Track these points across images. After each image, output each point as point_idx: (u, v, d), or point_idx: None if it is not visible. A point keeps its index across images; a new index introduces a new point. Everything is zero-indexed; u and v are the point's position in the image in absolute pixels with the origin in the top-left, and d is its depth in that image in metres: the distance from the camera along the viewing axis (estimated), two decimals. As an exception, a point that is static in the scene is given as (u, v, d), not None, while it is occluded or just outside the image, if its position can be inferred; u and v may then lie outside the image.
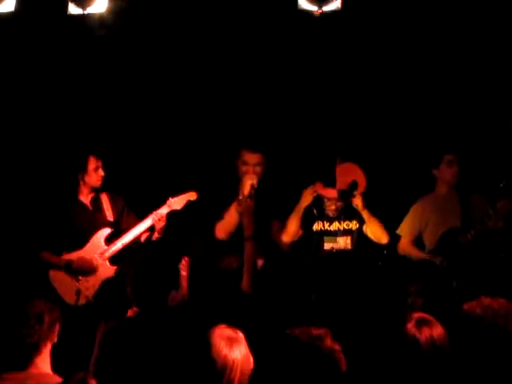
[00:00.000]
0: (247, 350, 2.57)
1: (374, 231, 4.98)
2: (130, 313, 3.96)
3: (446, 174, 5.16)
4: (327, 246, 5.03)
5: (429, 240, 5.18)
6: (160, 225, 4.92)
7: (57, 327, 2.71)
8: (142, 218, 4.95)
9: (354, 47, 5.58)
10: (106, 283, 4.85)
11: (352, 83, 5.79)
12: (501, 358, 2.58)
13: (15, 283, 4.94)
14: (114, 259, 4.90)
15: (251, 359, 2.57)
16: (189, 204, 5.02)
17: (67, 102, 5.83)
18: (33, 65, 5.67)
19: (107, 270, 4.87)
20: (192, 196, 5.02)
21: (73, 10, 5.03)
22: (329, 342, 2.53)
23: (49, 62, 5.68)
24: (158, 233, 4.96)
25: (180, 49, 5.67)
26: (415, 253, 5.19)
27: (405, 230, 5.29)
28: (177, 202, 4.97)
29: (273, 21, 5.40)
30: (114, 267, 4.89)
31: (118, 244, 4.88)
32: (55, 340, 2.70)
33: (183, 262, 4.65)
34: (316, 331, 2.55)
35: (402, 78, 5.71)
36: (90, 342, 4.20)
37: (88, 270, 4.82)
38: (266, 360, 2.57)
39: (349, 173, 4.99)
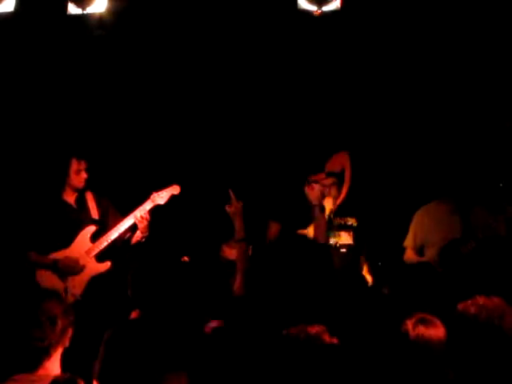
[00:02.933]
0: None
1: None
2: (133, 314, 3.94)
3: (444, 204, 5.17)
4: (332, 240, 5.03)
5: (430, 252, 5.19)
6: (143, 223, 4.86)
7: (69, 332, 2.69)
8: (126, 213, 4.93)
9: (353, 47, 5.58)
10: (98, 282, 4.85)
11: (352, 83, 5.79)
12: (495, 356, 2.57)
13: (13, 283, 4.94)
14: (101, 257, 4.89)
15: None
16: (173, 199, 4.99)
17: (64, 102, 5.82)
18: (32, 65, 5.66)
19: (94, 268, 4.87)
20: (175, 190, 4.99)
21: (72, 9, 5.03)
22: (327, 338, 2.52)
23: (48, 62, 5.68)
24: (142, 232, 4.91)
25: (179, 49, 5.67)
26: (418, 260, 5.16)
27: (407, 240, 5.31)
28: (160, 197, 4.94)
29: (273, 21, 5.40)
30: (101, 264, 4.88)
31: (104, 241, 4.87)
32: (67, 344, 2.68)
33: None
34: (313, 329, 2.54)
35: (402, 78, 5.71)
36: (95, 343, 4.21)
37: (74, 268, 4.81)
38: (267, 361, 2.56)
39: (337, 159, 5.04)
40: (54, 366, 2.62)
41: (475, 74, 5.50)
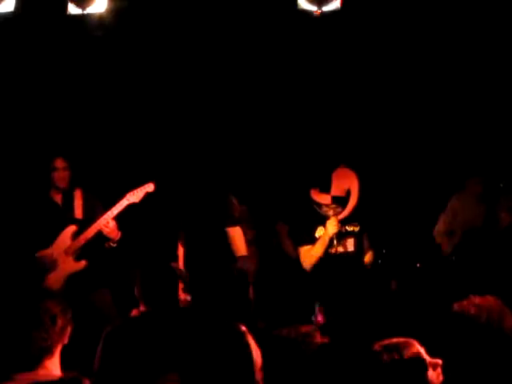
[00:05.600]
0: (255, 344, 2.55)
1: None
2: (133, 312, 3.95)
3: (472, 190, 5.38)
4: (331, 249, 4.99)
5: (453, 240, 5.41)
6: (105, 230, 4.84)
7: (68, 330, 2.70)
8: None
9: (353, 47, 5.58)
10: (80, 282, 4.88)
11: (352, 83, 5.79)
12: (497, 358, 2.55)
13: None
14: (79, 256, 4.92)
15: (259, 353, 2.54)
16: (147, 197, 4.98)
17: (64, 102, 5.82)
18: (32, 65, 5.67)
19: (69, 266, 4.91)
20: (149, 187, 4.96)
21: (72, 10, 5.03)
22: (318, 337, 2.51)
23: (48, 62, 5.68)
24: (110, 237, 4.89)
25: (179, 49, 5.67)
26: (444, 244, 5.46)
27: (439, 221, 5.52)
28: (135, 195, 4.93)
29: (273, 21, 5.40)
30: (77, 263, 4.92)
31: (81, 239, 4.90)
32: (66, 342, 2.69)
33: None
34: (304, 328, 2.53)
35: (402, 78, 5.71)
36: (93, 341, 4.21)
37: (48, 265, 4.86)
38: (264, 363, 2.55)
39: (344, 179, 4.98)
40: (54, 364, 2.62)
41: (476, 74, 5.51)
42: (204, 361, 2.43)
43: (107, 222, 4.84)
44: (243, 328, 2.55)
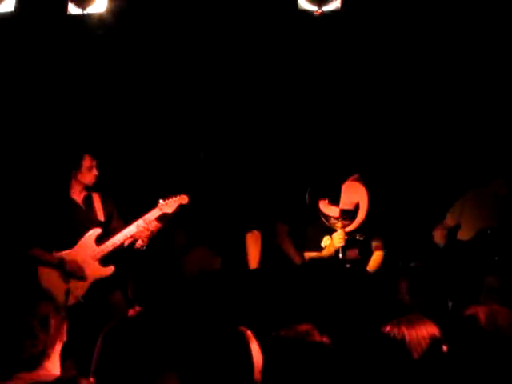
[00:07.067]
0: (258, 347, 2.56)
1: None
2: (131, 312, 3.94)
3: (494, 190, 5.27)
4: (339, 256, 4.98)
5: (463, 234, 5.26)
6: (143, 233, 4.82)
7: (64, 327, 2.68)
8: (134, 218, 4.87)
9: (354, 47, 5.58)
10: (99, 284, 4.85)
11: (352, 84, 5.79)
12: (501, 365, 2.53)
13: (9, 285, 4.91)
14: (104, 260, 4.85)
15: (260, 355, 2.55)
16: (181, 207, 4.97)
17: (65, 102, 5.82)
18: (32, 65, 5.67)
19: (98, 271, 4.83)
20: (183, 199, 4.94)
21: (72, 10, 5.05)
22: (317, 336, 2.51)
23: (48, 62, 5.68)
24: (143, 241, 4.86)
25: (180, 49, 5.67)
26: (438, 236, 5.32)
27: (449, 215, 5.33)
28: (168, 206, 4.90)
29: (273, 21, 5.40)
30: (105, 269, 4.85)
31: (109, 245, 4.83)
32: (64, 339, 2.67)
33: None
34: (302, 327, 2.53)
35: (402, 78, 5.71)
36: (91, 341, 4.20)
37: (79, 269, 4.78)
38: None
39: (354, 192, 4.95)
40: (53, 364, 2.61)
41: (476, 74, 5.50)
42: (202, 361, 2.43)
43: (144, 227, 4.80)
44: (248, 332, 2.55)
